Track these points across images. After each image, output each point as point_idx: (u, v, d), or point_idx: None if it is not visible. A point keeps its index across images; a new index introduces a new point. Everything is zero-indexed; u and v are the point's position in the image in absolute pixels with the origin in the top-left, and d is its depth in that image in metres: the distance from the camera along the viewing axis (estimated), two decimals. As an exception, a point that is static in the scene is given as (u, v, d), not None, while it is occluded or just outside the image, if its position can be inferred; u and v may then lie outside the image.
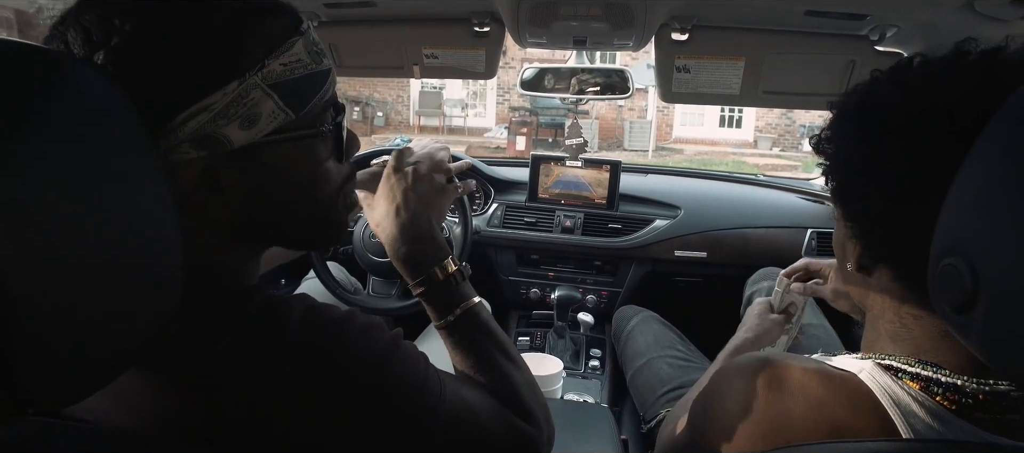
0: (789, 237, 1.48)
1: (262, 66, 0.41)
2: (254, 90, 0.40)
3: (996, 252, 0.34)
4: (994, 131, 0.37)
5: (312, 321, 0.43)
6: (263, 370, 0.41)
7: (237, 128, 0.40)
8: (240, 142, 0.41)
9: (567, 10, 1.01)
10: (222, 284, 0.46)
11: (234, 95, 0.40)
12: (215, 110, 0.39)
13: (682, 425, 0.64)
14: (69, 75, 0.33)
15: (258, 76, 0.40)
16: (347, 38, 1.22)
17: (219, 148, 0.40)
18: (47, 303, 0.30)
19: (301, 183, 0.47)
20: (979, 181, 0.37)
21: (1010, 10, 0.79)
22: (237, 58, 0.40)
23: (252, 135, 0.41)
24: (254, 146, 0.42)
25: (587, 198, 1.58)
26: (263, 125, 0.42)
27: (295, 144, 0.45)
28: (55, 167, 0.30)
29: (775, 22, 1.05)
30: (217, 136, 0.40)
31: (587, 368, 1.44)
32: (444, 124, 12.59)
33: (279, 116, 0.42)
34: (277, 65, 0.42)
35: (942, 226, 0.40)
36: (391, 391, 0.46)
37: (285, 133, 0.43)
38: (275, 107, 0.42)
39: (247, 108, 0.40)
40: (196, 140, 0.39)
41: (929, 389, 0.45)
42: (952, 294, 0.37)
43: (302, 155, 0.46)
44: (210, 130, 0.40)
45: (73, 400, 0.35)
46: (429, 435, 0.48)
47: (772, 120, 12.34)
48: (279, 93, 0.42)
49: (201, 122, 0.39)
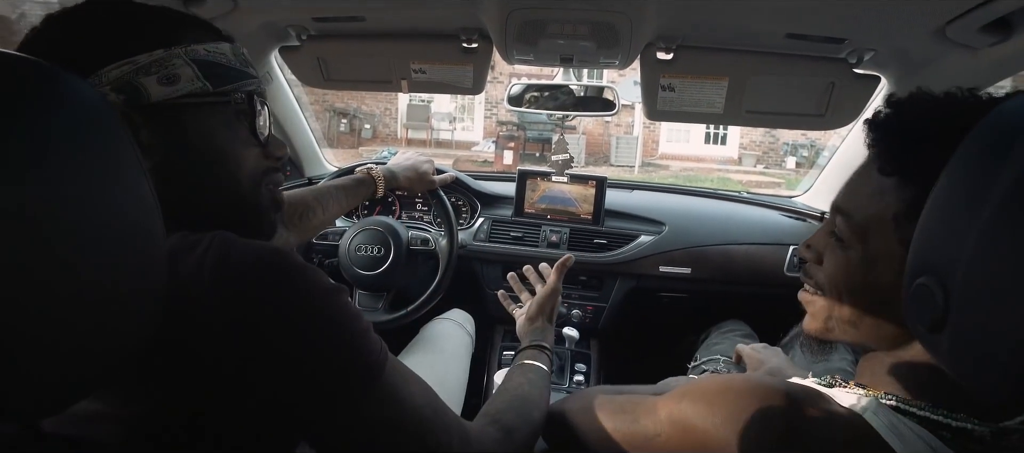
0: (772, 254, 1.50)
1: (188, 45, 0.51)
2: (176, 58, 0.50)
3: (964, 272, 0.35)
4: (962, 152, 0.38)
5: (244, 246, 0.45)
6: (187, 304, 0.42)
7: (156, 83, 0.49)
8: (157, 96, 0.49)
9: (555, 29, 1.02)
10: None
11: (157, 57, 0.49)
12: (138, 65, 0.48)
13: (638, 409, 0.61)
14: (55, 83, 0.33)
15: (182, 49, 0.50)
16: (336, 52, 1.23)
17: (137, 97, 0.48)
18: (27, 312, 0.30)
19: (218, 155, 0.53)
20: (948, 203, 0.38)
21: (979, 38, 0.82)
22: (167, 35, 0.50)
23: (169, 91, 0.50)
24: (173, 106, 0.50)
25: (573, 213, 1.59)
26: (181, 86, 0.50)
27: (212, 113, 0.53)
28: (42, 175, 0.30)
29: (757, 44, 1.07)
30: (136, 84, 0.48)
31: (572, 383, 1.44)
32: (432, 137, 12.59)
33: (196, 83, 0.51)
34: (202, 49, 0.52)
35: (916, 247, 0.41)
36: (323, 331, 0.45)
37: (201, 97, 0.51)
38: (193, 74, 0.51)
39: (167, 69, 0.50)
40: (117, 85, 0.48)
41: (938, 434, 0.44)
42: (925, 314, 0.38)
43: (220, 128, 0.53)
44: (130, 79, 0.48)
45: (53, 411, 0.34)
46: (359, 396, 0.47)
47: (756, 138, 12.54)
48: (198, 66, 0.51)
49: (124, 71, 0.48)
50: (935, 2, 0.79)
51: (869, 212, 0.51)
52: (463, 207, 1.65)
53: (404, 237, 1.39)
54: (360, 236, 1.38)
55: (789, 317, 1.30)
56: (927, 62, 0.98)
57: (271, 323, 0.43)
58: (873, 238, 0.51)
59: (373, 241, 1.37)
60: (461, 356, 1.33)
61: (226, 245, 0.44)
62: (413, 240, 1.41)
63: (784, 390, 0.49)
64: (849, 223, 0.53)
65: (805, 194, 1.72)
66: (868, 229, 0.51)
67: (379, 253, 1.36)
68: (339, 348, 0.46)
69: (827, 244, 0.57)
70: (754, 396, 0.49)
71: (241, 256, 0.44)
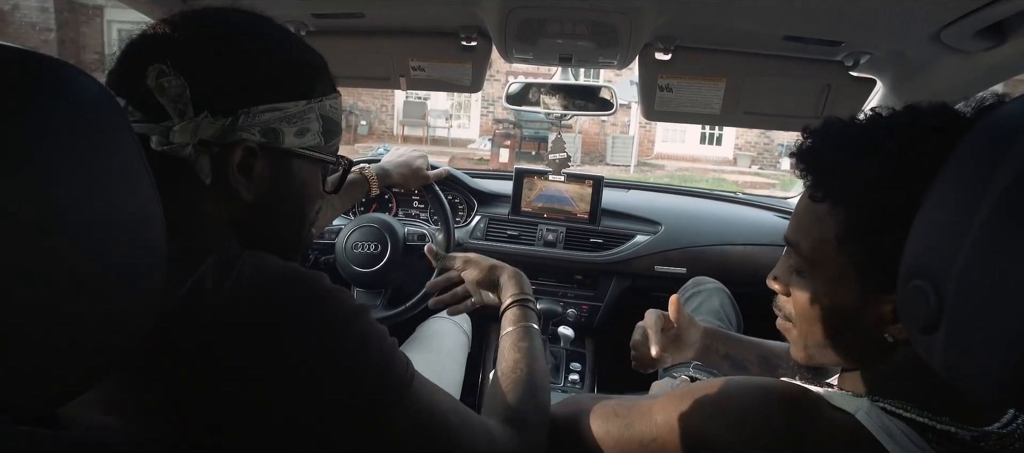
0: (766, 254, 1.51)
1: (321, 100, 0.55)
2: (312, 112, 0.54)
3: (958, 275, 0.35)
4: (957, 157, 0.39)
5: (278, 270, 0.46)
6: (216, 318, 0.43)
7: (292, 133, 0.53)
8: (288, 144, 0.52)
9: (554, 28, 1.02)
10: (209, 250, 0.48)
11: (301, 109, 0.53)
12: (286, 113, 0.52)
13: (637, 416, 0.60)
14: (56, 77, 0.33)
15: (317, 104, 0.54)
16: (334, 48, 1.22)
17: (275, 140, 0.51)
18: (26, 307, 0.30)
19: (303, 195, 0.57)
20: (942, 207, 0.39)
21: (974, 43, 0.83)
22: (311, 87, 0.54)
23: (296, 143, 0.53)
24: (291, 152, 0.53)
25: (569, 212, 1.59)
26: (307, 139, 0.54)
27: (314, 165, 0.57)
28: (40, 169, 0.30)
29: (755, 46, 1.08)
30: (278, 131, 0.51)
31: (567, 382, 1.44)
32: (428, 135, 12.57)
33: (317, 138, 0.55)
34: (328, 104, 0.56)
35: (910, 249, 0.42)
36: (351, 356, 0.46)
37: (315, 151, 0.55)
38: (318, 130, 0.55)
39: (303, 122, 0.53)
40: (265, 128, 0.51)
41: (925, 436, 0.45)
42: (918, 315, 0.38)
43: (313, 176, 0.58)
44: (276, 126, 0.51)
45: (46, 409, 0.34)
46: (390, 413, 0.48)
47: (751, 138, 12.58)
48: (323, 122, 0.55)
49: (274, 117, 0.51)
50: (931, 7, 0.79)
51: (813, 240, 0.53)
52: (460, 205, 1.65)
53: (400, 234, 1.39)
54: (357, 233, 1.37)
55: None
56: (922, 66, 0.99)
57: (303, 345, 0.44)
58: (822, 264, 0.53)
59: (370, 238, 1.36)
60: (457, 355, 1.33)
61: (260, 268, 0.46)
62: (410, 236, 1.41)
63: (783, 391, 0.49)
64: (800, 253, 0.55)
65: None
66: (816, 256, 0.53)
67: (376, 250, 1.36)
68: (369, 368, 0.47)
69: (790, 276, 0.59)
70: (755, 397, 0.50)
71: (275, 279, 0.46)
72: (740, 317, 1.29)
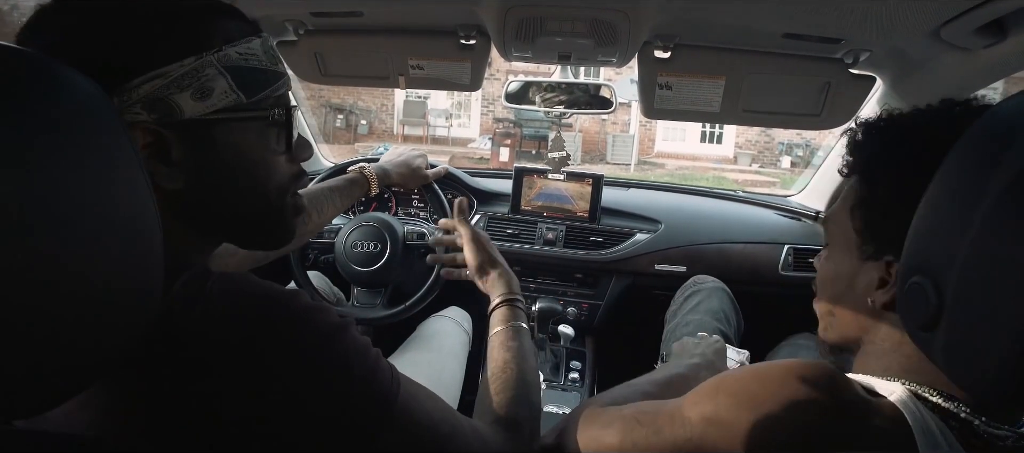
0: (767, 252, 1.51)
1: (219, 50, 0.46)
2: (209, 67, 0.45)
3: (958, 272, 0.35)
4: (956, 154, 0.38)
5: (250, 292, 0.44)
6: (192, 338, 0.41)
7: (189, 98, 0.44)
8: (191, 113, 0.45)
9: (553, 26, 1.02)
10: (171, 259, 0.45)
11: (190, 68, 0.44)
12: (170, 78, 0.43)
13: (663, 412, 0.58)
14: (51, 77, 0.33)
15: (214, 56, 0.46)
16: (333, 47, 1.22)
17: (169, 114, 0.44)
18: (19, 307, 0.29)
19: (250, 168, 0.50)
20: (942, 204, 0.39)
21: (974, 40, 0.83)
22: (196, 38, 0.45)
23: (203, 108, 0.45)
24: (206, 122, 0.46)
25: (569, 211, 1.59)
26: (215, 100, 0.46)
27: (246, 126, 0.49)
28: (35, 169, 0.30)
29: (754, 43, 1.08)
30: (168, 101, 0.44)
31: (567, 380, 1.44)
32: (428, 134, 12.57)
33: (230, 95, 0.47)
34: (234, 52, 0.47)
35: (909, 246, 0.41)
36: (334, 374, 0.45)
37: (236, 112, 0.47)
38: (227, 87, 0.46)
39: (201, 82, 0.45)
40: (148, 102, 0.43)
41: (948, 423, 0.45)
42: (918, 312, 0.38)
43: (253, 140, 0.50)
44: (162, 94, 0.43)
45: (40, 409, 0.34)
46: (377, 429, 0.46)
47: (752, 137, 12.58)
48: (232, 75, 0.47)
49: (155, 86, 0.43)
50: (930, 4, 0.79)
51: (835, 210, 0.59)
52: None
53: (400, 232, 1.39)
54: (356, 233, 1.37)
55: (783, 315, 1.31)
56: (922, 63, 0.99)
57: (284, 367, 0.43)
58: (836, 232, 0.59)
59: (369, 237, 1.36)
60: (458, 354, 1.33)
61: (233, 290, 0.43)
62: (409, 235, 1.41)
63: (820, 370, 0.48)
64: (825, 225, 0.62)
65: (800, 193, 1.73)
66: (834, 225, 0.59)
67: (375, 249, 1.36)
68: (353, 384, 0.46)
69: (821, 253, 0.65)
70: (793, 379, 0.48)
71: (250, 300, 0.43)
72: (740, 316, 1.29)
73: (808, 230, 1.57)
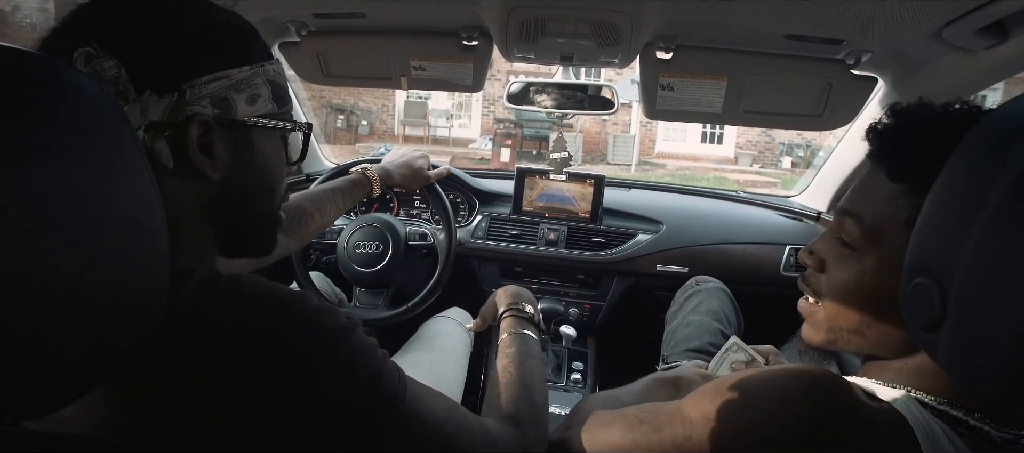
0: (768, 253, 1.51)
1: (263, 65, 0.53)
2: (257, 77, 0.52)
3: (962, 274, 0.35)
4: (960, 155, 0.39)
5: (259, 293, 0.45)
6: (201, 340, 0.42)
7: (243, 101, 0.51)
8: (242, 113, 0.51)
9: (555, 27, 1.02)
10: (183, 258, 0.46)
11: (246, 74, 0.51)
12: (232, 80, 0.50)
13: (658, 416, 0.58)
14: (55, 78, 0.33)
15: (261, 69, 0.53)
16: (335, 48, 1.22)
17: (228, 111, 0.50)
18: (26, 308, 0.30)
19: (268, 171, 0.56)
20: (946, 206, 0.39)
21: (976, 41, 0.83)
22: (248, 52, 0.52)
23: (251, 111, 0.52)
24: (246, 125, 0.52)
25: (571, 212, 1.59)
26: (259, 106, 0.52)
27: (273, 134, 0.56)
28: (40, 170, 0.30)
29: (756, 44, 1.08)
30: (229, 100, 0.50)
31: (569, 381, 1.44)
32: (429, 134, 12.57)
33: (269, 104, 0.54)
34: (271, 68, 0.54)
35: (913, 247, 0.42)
36: (341, 375, 0.45)
37: (270, 119, 0.54)
38: (268, 96, 0.53)
39: (252, 88, 0.52)
40: (215, 99, 0.49)
41: (957, 430, 0.45)
42: (922, 313, 0.38)
43: (275, 147, 0.57)
44: (226, 94, 0.49)
45: (48, 410, 0.34)
46: (384, 430, 0.47)
47: (753, 137, 12.57)
48: (272, 89, 0.54)
49: (221, 85, 0.49)
50: (932, 5, 0.79)
51: (881, 216, 0.52)
52: (461, 205, 1.65)
53: (402, 233, 1.39)
54: (358, 233, 1.38)
55: (785, 316, 1.31)
56: (924, 64, 0.99)
57: (291, 368, 0.43)
58: (887, 242, 0.51)
59: (371, 238, 1.37)
60: (460, 354, 1.33)
61: (242, 291, 0.45)
62: (411, 236, 1.41)
63: (824, 376, 0.48)
64: (861, 227, 0.53)
65: (801, 194, 1.73)
66: (881, 232, 0.52)
67: (378, 250, 1.36)
68: (360, 385, 0.46)
69: (832, 251, 0.57)
70: (797, 383, 0.49)
71: (258, 302, 0.44)
72: (740, 316, 1.29)
73: (809, 231, 1.57)
